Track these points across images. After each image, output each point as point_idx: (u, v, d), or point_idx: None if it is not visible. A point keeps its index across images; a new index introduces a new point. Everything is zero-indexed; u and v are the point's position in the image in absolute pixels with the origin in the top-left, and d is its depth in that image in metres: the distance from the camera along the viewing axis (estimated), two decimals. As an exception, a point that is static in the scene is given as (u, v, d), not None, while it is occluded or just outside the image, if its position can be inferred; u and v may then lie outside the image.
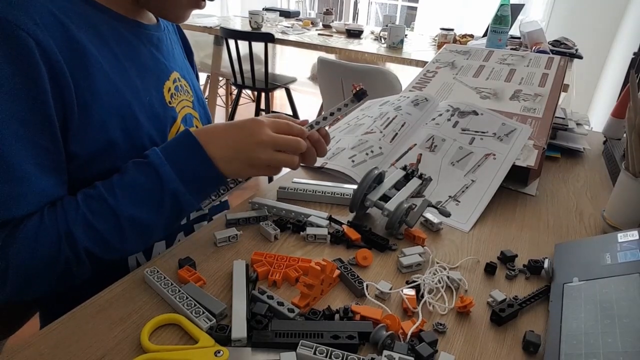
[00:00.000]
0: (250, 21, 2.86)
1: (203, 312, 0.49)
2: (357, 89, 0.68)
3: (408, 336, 0.48)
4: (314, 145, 0.67)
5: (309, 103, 3.91)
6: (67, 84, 0.54)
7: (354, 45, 2.62)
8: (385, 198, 0.69)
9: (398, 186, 0.72)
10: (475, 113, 0.93)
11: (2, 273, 0.51)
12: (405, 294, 0.54)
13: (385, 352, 0.44)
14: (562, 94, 1.30)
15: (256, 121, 0.61)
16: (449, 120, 0.92)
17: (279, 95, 3.95)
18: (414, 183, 0.73)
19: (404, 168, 0.76)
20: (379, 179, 0.71)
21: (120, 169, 0.58)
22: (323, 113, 0.70)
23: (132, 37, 0.65)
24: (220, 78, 3.26)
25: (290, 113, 3.09)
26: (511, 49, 2.16)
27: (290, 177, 0.82)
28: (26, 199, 0.52)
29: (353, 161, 0.84)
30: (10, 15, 0.49)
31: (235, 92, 3.10)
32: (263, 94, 2.93)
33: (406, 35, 2.82)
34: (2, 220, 0.51)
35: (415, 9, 4.52)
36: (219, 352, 0.44)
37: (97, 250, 0.55)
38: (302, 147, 0.62)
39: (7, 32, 0.49)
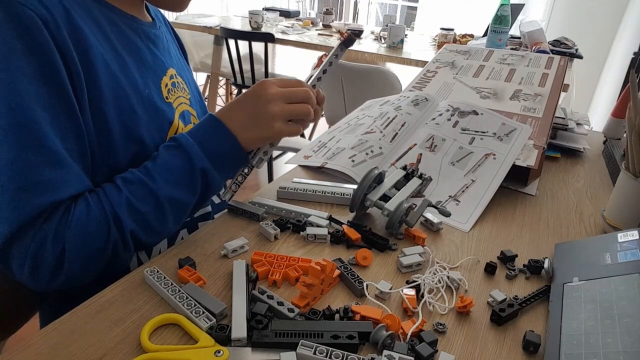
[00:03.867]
0: (250, 21, 2.86)
1: (203, 312, 0.49)
2: (345, 36, 0.68)
3: (408, 336, 0.48)
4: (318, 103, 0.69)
5: (309, 103, 3.90)
6: (75, 67, 0.54)
7: (354, 45, 2.62)
8: (385, 198, 0.69)
9: (398, 186, 0.72)
10: (475, 113, 0.93)
11: (59, 257, 0.52)
12: (405, 294, 0.54)
13: (385, 352, 0.44)
14: (562, 94, 1.30)
15: (262, 82, 0.64)
16: (449, 120, 0.92)
17: (279, 95, 3.95)
18: (414, 183, 0.73)
19: (404, 168, 0.76)
20: (379, 178, 0.71)
21: (154, 155, 0.61)
22: (316, 71, 0.69)
23: (130, 31, 0.65)
24: (220, 78, 3.26)
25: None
26: (511, 48, 2.16)
27: (290, 177, 0.82)
28: (67, 181, 0.53)
29: (353, 161, 0.84)
30: None
31: (235, 92, 3.10)
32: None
33: (406, 35, 2.82)
34: (52, 202, 0.51)
35: (415, 8, 4.52)
36: (219, 352, 0.44)
37: (141, 233, 0.57)
38: (312, 96, 0.64)
39: (14, 11, 0.49)
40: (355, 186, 0.69)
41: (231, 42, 2.62)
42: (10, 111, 0.50)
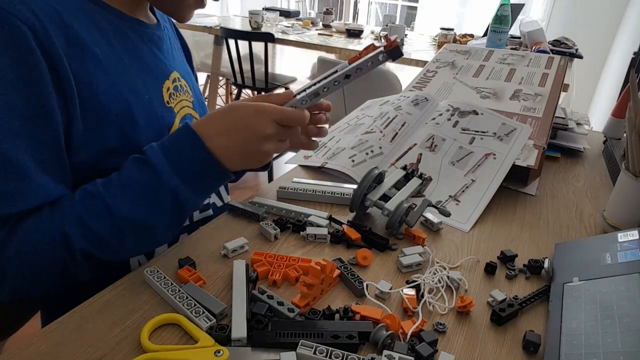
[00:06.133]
0: (250, 21, 2.86)
1: (203, 312, 0.49)
2: (393, 45, 0.55)
3: (408, 336, 0.48)
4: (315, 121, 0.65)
5: (309, 103, 3.90)
6: (66, 74, 0.53)
7: (354, 45, 2.62)
8: (385, 198, 0.69)
9: (398, 186, 0.72)
10: (476, 113, 0.93)
11: (1, 272, 0.51)
12: (405, 294, 0.54)
13: (385, 352, 0.44)
14: (562, 94, 1.30)
15: (260, 114, 0.55)
16: (449, 120, 0.92)
17: (279, 95, 3.95)
18: (414, 183, 0.73)
19: (404, 168, 0.76)
20: (379, 178, 0.71)
21: (121, 165, 0.57)
22: (341, 71, 0.57)
23: (133, 35, 0.64)
24: (220, 78, 3.26)
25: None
26: (511, 48, 2.15)
27: (290, 177, 0.82)
28: (25, 195, 0.51)
29: (353, 161, 0.84)
30: (4, 3, 0.49)
31: (235, 91, 3.10)
32: (263, 94, 2.93)
33: (406, 35, 2.82)
34: (4, 215, 0.50)
35: (415, 8, 4.52)
36: (219, 352, 0.44)
37: (95, 251, 0.54)
38: (305, 121, 0.58)
39: (0, 19, 0.48)
40: (355, 186, 0.69)
41: (231, 42, 2.62)
42: None
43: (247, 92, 3.78)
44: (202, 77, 3.64)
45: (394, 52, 0.55)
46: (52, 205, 0.54)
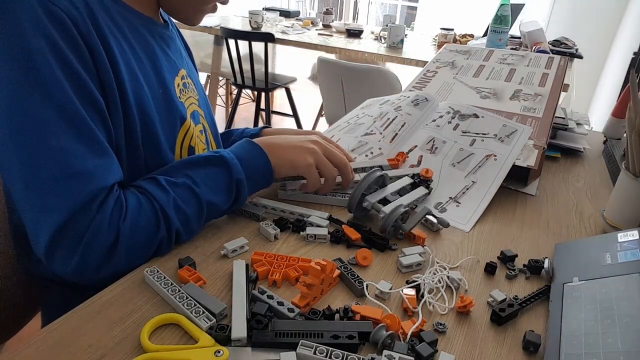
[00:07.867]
0: (250, 21, 2.86)
1: (203, 312, 0.49)
2: (427, 177, 0.77)
3: (408, 336, 0.48)
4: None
5: (309, 103, 3.91)
6: (104, 64, 0.56)
7: (354, 45, 2.62)
8: (386, 202, 0.69)
9: (402, 192, 0.72)
10: (476, 116, 0.93)
11: (112, 246, 0.54)
12: (405, 294, 0.54)
13: (385, 352, 0.44)
14: (562, 94, 1.30)
15: (309, 137, 0.72)
16: (449, 122, 0.92)
17: (279, 95, 3.96)
18: (419, 192, 0.73)
19: (412, 176, 0.76)
20: (382, 181, 0.71)
21: (190, 161, 0.63)
22: (374, 170, 0.72)
23: (146, 32, 0.66)
24: (220, 78, 3.26)
25: (290, 113, 3.09)
26: (511, 48, 2.16)
27: (290, 177, 0.82)
28: (112, 168, 0.56)
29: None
30: None
31: (235, 91, 3.10)
32: (263, 94, 2.94)
33: (406, 35, 2.82)
34: (100, 188, 0.54)
35: (415, 8, 4.53)
36: (219, 352, 0.44)
37: (183, 232, 0.60)
38: (346, 166, 0.72)
39: (42, 7, 0.51)
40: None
41: (231, 42, 2.62)
42: (56, 104, 0.52)
43: (247, 92, 3.78)
44: (202, 77, 3.64)
45: (425, 182, 0.77)
46: (137, 189, 0.58)
